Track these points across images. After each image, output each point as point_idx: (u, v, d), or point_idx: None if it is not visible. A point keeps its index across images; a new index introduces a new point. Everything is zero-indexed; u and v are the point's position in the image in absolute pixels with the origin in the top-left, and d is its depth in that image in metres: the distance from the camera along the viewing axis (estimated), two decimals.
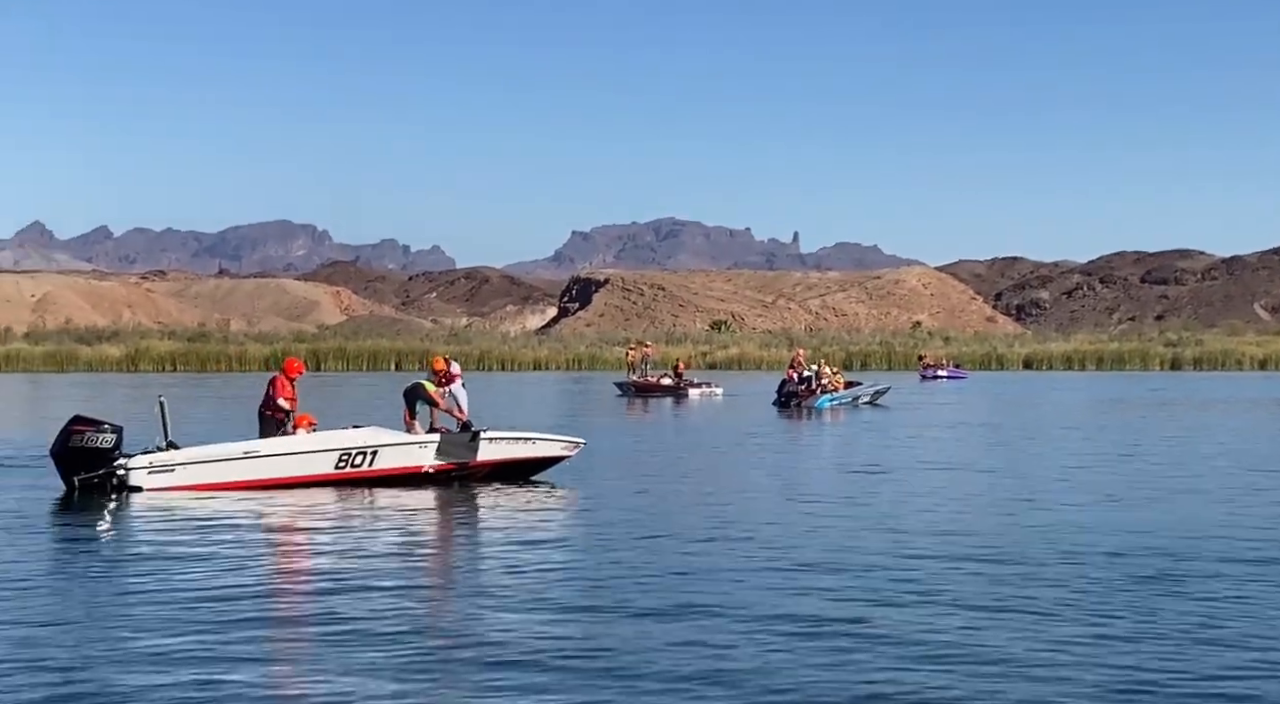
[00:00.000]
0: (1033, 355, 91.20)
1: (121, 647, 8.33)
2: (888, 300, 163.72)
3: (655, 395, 46.59)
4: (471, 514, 15.44)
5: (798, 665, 7.82)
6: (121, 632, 8.77)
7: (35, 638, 8.57)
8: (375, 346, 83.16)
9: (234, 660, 7.97)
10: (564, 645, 8.34)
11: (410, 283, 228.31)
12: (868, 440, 26.87)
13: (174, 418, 16.73)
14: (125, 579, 10.75)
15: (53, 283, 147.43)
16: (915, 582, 10.50)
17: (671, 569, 11.01)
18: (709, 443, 26.02)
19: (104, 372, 73.93)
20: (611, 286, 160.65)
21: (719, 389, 48.05)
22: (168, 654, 8.11)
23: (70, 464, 15.99)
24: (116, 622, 9.08)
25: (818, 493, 16.96)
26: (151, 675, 7.65)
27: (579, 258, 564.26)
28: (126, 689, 7.37)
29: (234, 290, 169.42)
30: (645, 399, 45.12)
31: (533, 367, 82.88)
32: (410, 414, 18.16)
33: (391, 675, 7.64)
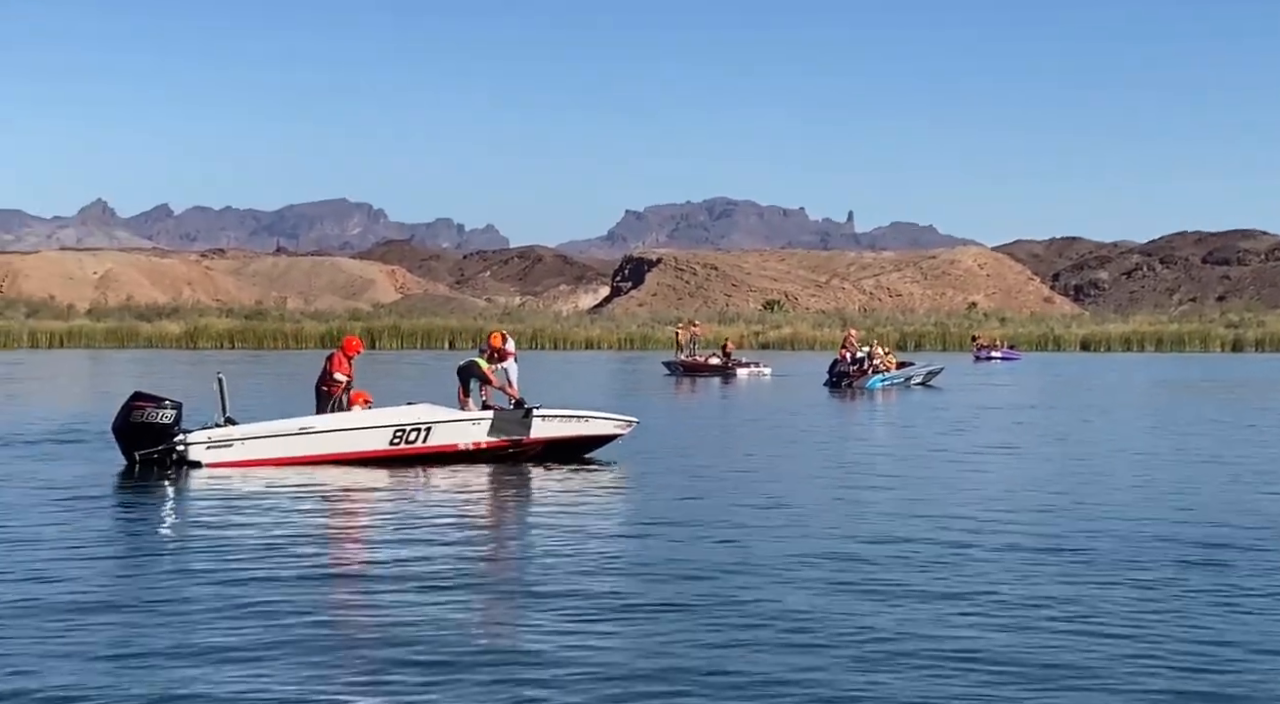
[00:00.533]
0: (1090, 337, 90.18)
1: (179, 620, 8.50)
2: (943, 281, 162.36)
3: (703, 375, 46.61)
4: (524, 492, 15.55)
5: (847, 659, 7.65)
6: (179, 605, 8.94)
7: (95, 610, 8.76)
8: (429, 325, 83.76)
9: (288, 636, 8.09)
10: (613, 630, 8.30)
11: (464, 262, 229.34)
12: (919, 422, 26.77)
13: (231, 394, 17.00)
14: (183, 553, 10.97)
15: (114, 260, 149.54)
16: (966, 571, 10.42)
17: (722, 554, 10.88)
18: (759, 423, 26.05)
19: (163, 348, 75.03)
20: (664, 266, 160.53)
21: (767, 369, 48.02)
22: (224, 627, 8.26)
23: (131, 439, 16.32)
24: (174, 596, 9.26)
25: (868, 475, 16.93)
26: (208, 649, 7.79)
27: (632, 237, 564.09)
28: (183, 663, 7.50)
29: (291, 268, 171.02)
30: (693, 379, 45.16)
31: (585, 346, 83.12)
32: (464, 391, 18.31)
33: (441, 656, 7.67)
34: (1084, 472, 17.42)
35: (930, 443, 21.67)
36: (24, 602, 8.95)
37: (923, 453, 19.96)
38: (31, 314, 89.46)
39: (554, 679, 7.14)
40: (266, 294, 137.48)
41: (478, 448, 17.55)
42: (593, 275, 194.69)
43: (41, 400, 31.57)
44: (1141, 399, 34.90)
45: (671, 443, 20.70)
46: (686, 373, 47.22)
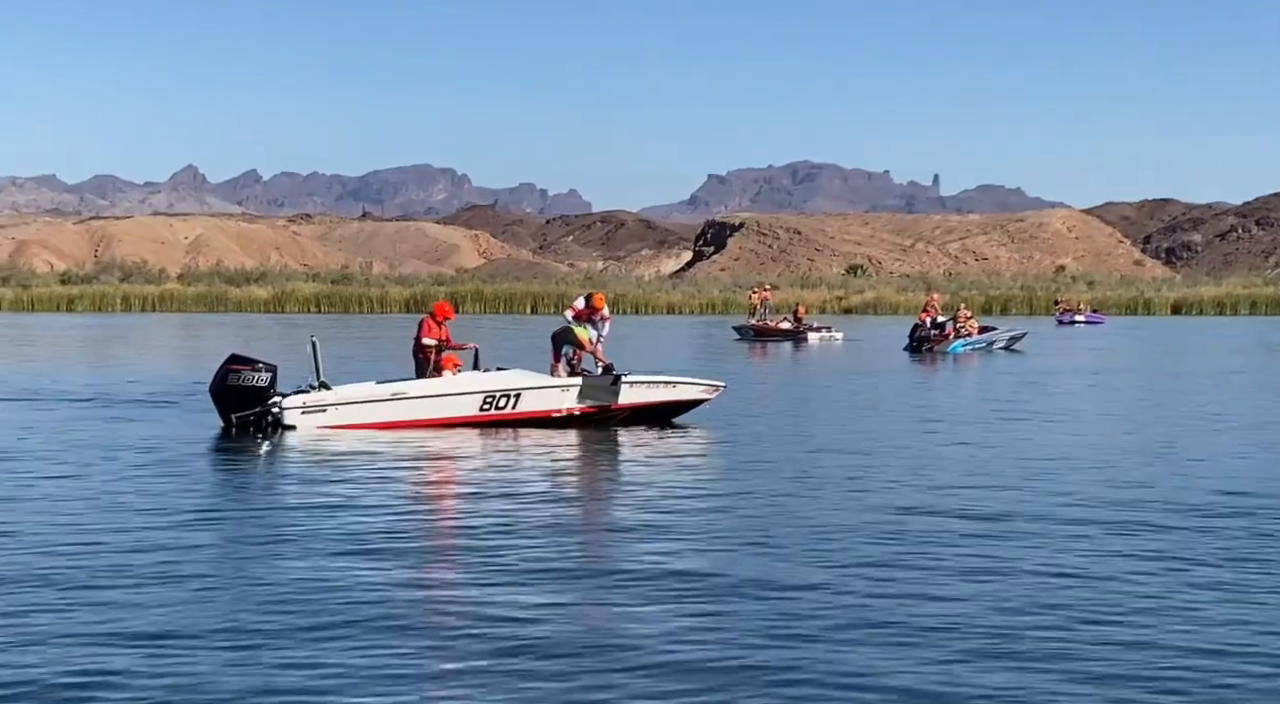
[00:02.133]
0: (1181, 300, 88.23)
1: (271, 581, 8.62)
2: (1030, 244, 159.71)
3: (774, 339, 46.40)
4: (612, 458, 15.56)
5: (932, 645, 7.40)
6: (272, 566, 9.07)
7: (191, 570, 8.92)
8: (512, 290, 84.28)
9: (378, 598, 8.13)
10: (707, 596, 8.21)
11: (547, 226, 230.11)
12: (1002, 387, 26.43)
13: (309, 358, 17.15)
14: (278, 515, 11.10)
15: (204, 225, 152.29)
16: (1058, 547, 10.22)
17: (813, 525, 10.65)
18: (842, 388, 25.87)
19: (252, 313, 76.35)
20: (746, 230, 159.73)
21: (839, 334, 47.66)
22: (312, 595, 8.29)
23: (227, 401, 16.54)
24: (269, 556, 9.38)
25: (956, 442, 16.55)
26: (298, 608, 7.89)
27: (714, 201, 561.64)
28: (276, 624, 7.59)
29: (376, 233, 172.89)
30: (764, 343, 44.99)
31: (666, 310, 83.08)
32: (556, 357, 18.36)
33: (531, 618, 7.70)
34: (1162, 439, 17.09)
35: (1017, 409, 21.37)
36: (116, 563, 9.12)
37: (1007, 421, 19.69)
38: (125, 278, 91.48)
39: (634, 660, 7.03)
40: (352, 259, 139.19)
41: (567, 414, 17.64)
42: (675, 240, 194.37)
43: (142, 362, 32.24)
44: (1231, 364, 34.07)
45: (756, 409, 20.50)
46: (758, 337, 47.05)
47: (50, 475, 13.09)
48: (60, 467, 13.69)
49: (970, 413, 20.98)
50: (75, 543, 9.71)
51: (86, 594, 8.20)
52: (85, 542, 9.76)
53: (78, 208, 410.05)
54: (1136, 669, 6.90)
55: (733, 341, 46.12)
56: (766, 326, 48.53)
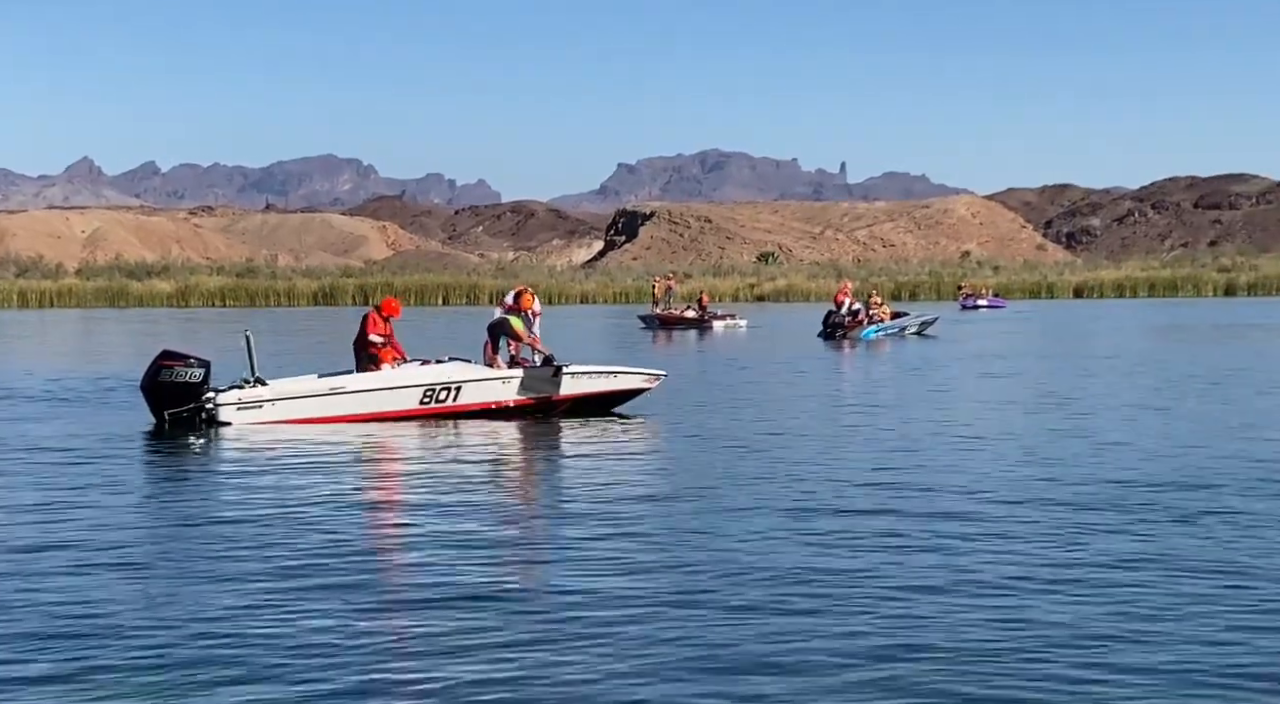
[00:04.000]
0: (1083, 283, 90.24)
1: (208, 578, 8.47)
2: (936, 230, 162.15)
3: (679, 328, 46.55)
4: (554, 449, 15.46)
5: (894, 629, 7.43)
6: (210, 563, 8.91)
7: (124, 568, 8.75)
8: (423, 281, 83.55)
9: (317, 597, 8.02)
10: (649, 588, 8.18)
11: (456, 217, 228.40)
12: (920, 373, 26.78)
13: (238, 352, 16.82)
14: (214, 512, 10.88)
15: (102, 219, 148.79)
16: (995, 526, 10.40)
17: (761, 509, 10.65)
18: (761, 375, 26.02)
19: (155, 307, 74.82)
20: (658, 219, 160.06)
21: (743, 321, 48.00)
22: (252, 588, 8.19)
23: (160, 398, 16.13)
24: (204, 554, 9.22)
25: (876, 429, 16.69)
26: (234, 607, 7.76)
27: (624, 191, 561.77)
28: (209, 620, 7.48)
29: (281, 225, 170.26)
30: (669, 332, 45.09)
31: (580, 300, 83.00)
32: (493, 348, 18.19)
33: (469, 612, 7.63)
34: (1074, 424, 17.43)
35: (938, 393, 21.67)
36: (52, 561, 8.96)
37: (924, 405, 19.93)
38: (21, 274, 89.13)
39: (584, 644, 7.05)
40: (256, 252, 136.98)
41: (507, 406, 17.50)
42: (586, 229, 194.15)
43: (53, 359, 31.44)
44: (1131, 346, 34.90)
45: (690, 399, 20.35)
46: (662, 326, 47.17)
47: None
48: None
49: (888, 397, 21.25)
50: (12, 537, 9.45)
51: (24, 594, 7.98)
52: (15, 540, 9.50)
53: None
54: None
55: (638, 330, 46.11)
56: (671, 315, 48.67)
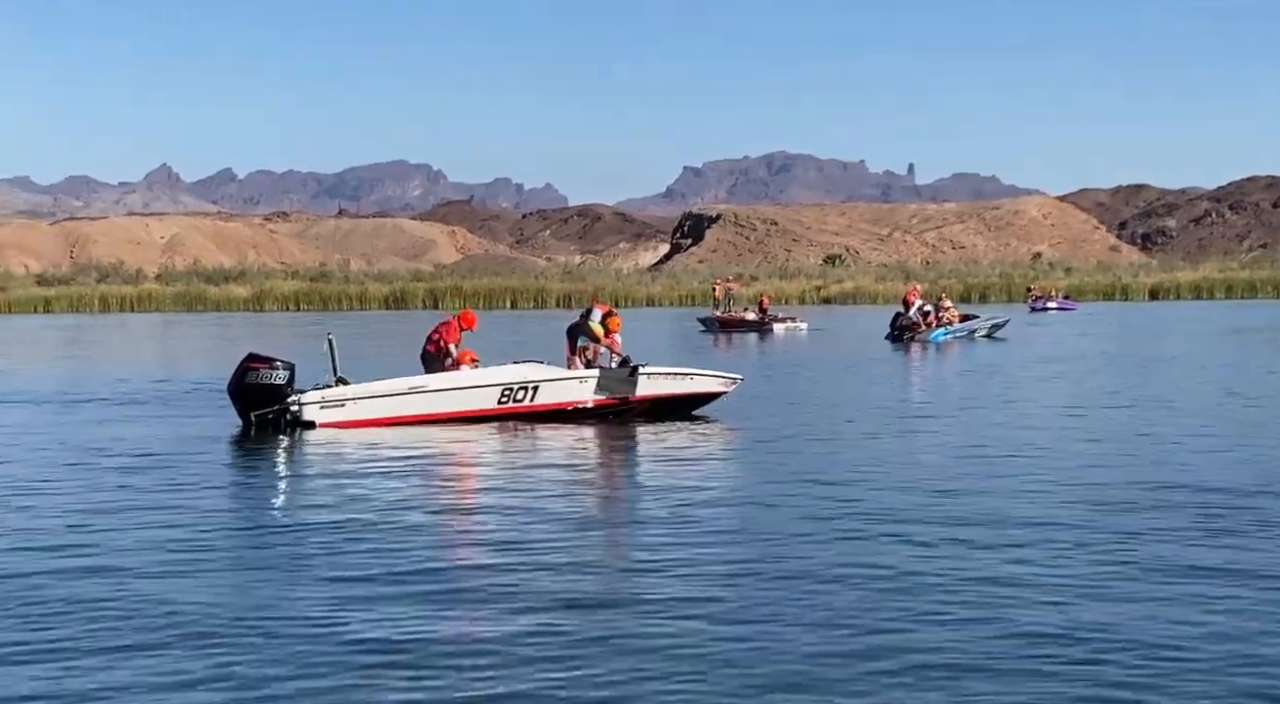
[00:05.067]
0: (1159, 285, 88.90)
1: (296, 576, 8.67)
2: (1007, 231, 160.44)
3: (739, 331, 46.50)
4: (630, 450, 15.53)
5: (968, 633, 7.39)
6: (297, 562, 9.10)
7: (210, 567, 8.99)
8: (491, 285, 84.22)
9: (396, 598, 8.14)
10: (726, 594, 8.14)
11: (524, 221, 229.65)
12: (992, 376, 26.65)
13: (323, 355, 17.11)
14: (299, 513, 11.10)
15: (180, 225, 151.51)
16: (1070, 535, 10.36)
17: (838, 516, 10.56)
18: (831, 378, 25.99)
19: (231, 311, 76.09)
20: (724, 222, 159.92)
21: (804, 324, 47.87)
22: (335, 587, 8.35)
23: (246, 400, 16.46)
24: (291, 552, 9.42)
25: (944, 435, 16.59)
26: (320, 606, 7.92)
27: (690, 194, 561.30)
28: (296, 616, 7.67)
29: (353, 230, 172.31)
30: (729, 334, 45.08)
31: (646, 303, 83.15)
32: (571, 350, 18.34)
33: (547, 614, 7.69)
34: (1141, 425, 17.31)
35: (1008, 397, 21.56)
36: (146, 560, 9.19)
37: (996, 411, 19.84)
38: (102, 279, 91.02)
39: (662, 648, 7.10)
40: (329, 256, 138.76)
41: (584, 406, 17.65)
42: (652, 233, 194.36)
43: (136, 363, 31.95)
44: (1207, 348, 34.40)
45: (768, 403, 20.23)
46: (723, 329, 47.16)
47: (78, 474, 13.11)
48: (87, 466, 13.69)
49: (959, 401, 21.16)
50: (108, 539, 9.76)
51: (114, 597, 8.25)
52: (117, 537, 9.83)
53: (51, 209, 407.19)
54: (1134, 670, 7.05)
55: (698, 333, 46.12)
56: (732, 318, 48.68)
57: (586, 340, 18.35)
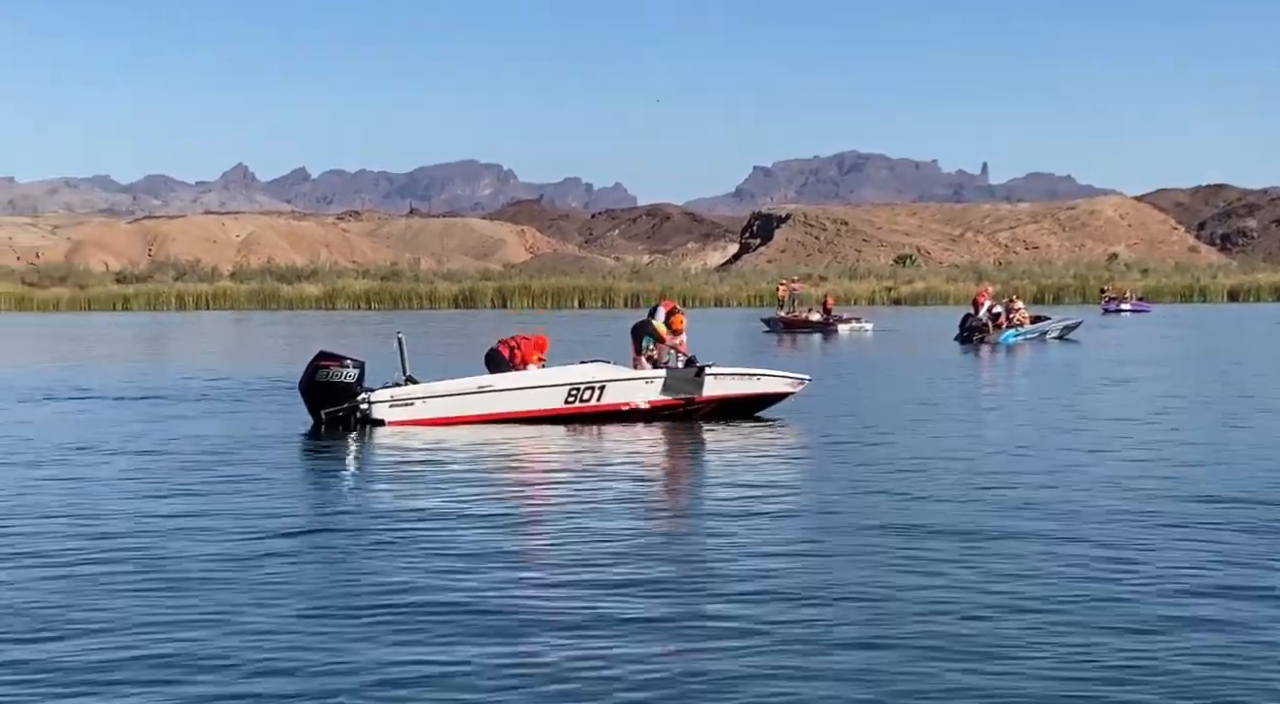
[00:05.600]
0: (1238, 286, 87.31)
1: (363, 571, 8.74)
2: (1082, 232, 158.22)
3: (803, 331, 46.36)
4: (697, 450, 15.51)
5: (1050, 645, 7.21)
6: (363, 557, 9.20)
7: (276, 562, 9.10)
8: (559, 284, 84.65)
9: (466, 586, 8.22)
10: (800, 599, 8.04)
11: (593, 221, 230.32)
12: (1060, 377, 26.30)
13: (392, 354, 17.26)
14: (368, 510, 11.18)
15: (255, 224, 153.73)
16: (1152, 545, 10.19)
17: (910, 528, 10.24)
18: (900, 380, 25.78)
19: (303, 309, 77.12)
20: (793, 222, 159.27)
21: (869, 325, 47.57)
22: (408, 580, 8.42)
23: (317, 398, 16.61)
24: (361, 548, 9.51)
25: (1030, 439, 16.22)
26: (387, 597, 8.01)
27: (760, 193, 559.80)
28: (361, 608, 7.74)
29: (424, 230, 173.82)
30: (793, 335, 44.90)
31: (714, 303, 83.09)
32: (637, 350, 18.38)
33: (621, 614, 7.68)
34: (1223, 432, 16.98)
35: (1081, 400, 21.27)
36: (215, 553, 9.31)
37: (1085, 415, 19.59)
38: (179, 277, 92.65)
39: (729, 645, 7.10)
40: (400, 255, 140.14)
41: (650, 406, 17.66)
42: (721, 232, 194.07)
43: (211, 359, 32.53)
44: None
45: (835, 405, 20.04)
46: (787, 329, 47.05)
47: (150, 469, 13.32)
48: (160, 460, 13.94)
49: (1028, 403, 20.90)
50: (173, 535, 9.91)
51: (181, 584, 8.40)
52: (187, 529, 9.99)
53: (131, 208, 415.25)
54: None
55: (762, 334, 45.97)
56: (796, 318, 48.55)
57: (652, 340, 18.37)
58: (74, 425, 17.54)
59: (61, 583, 8.41)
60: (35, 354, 35.45)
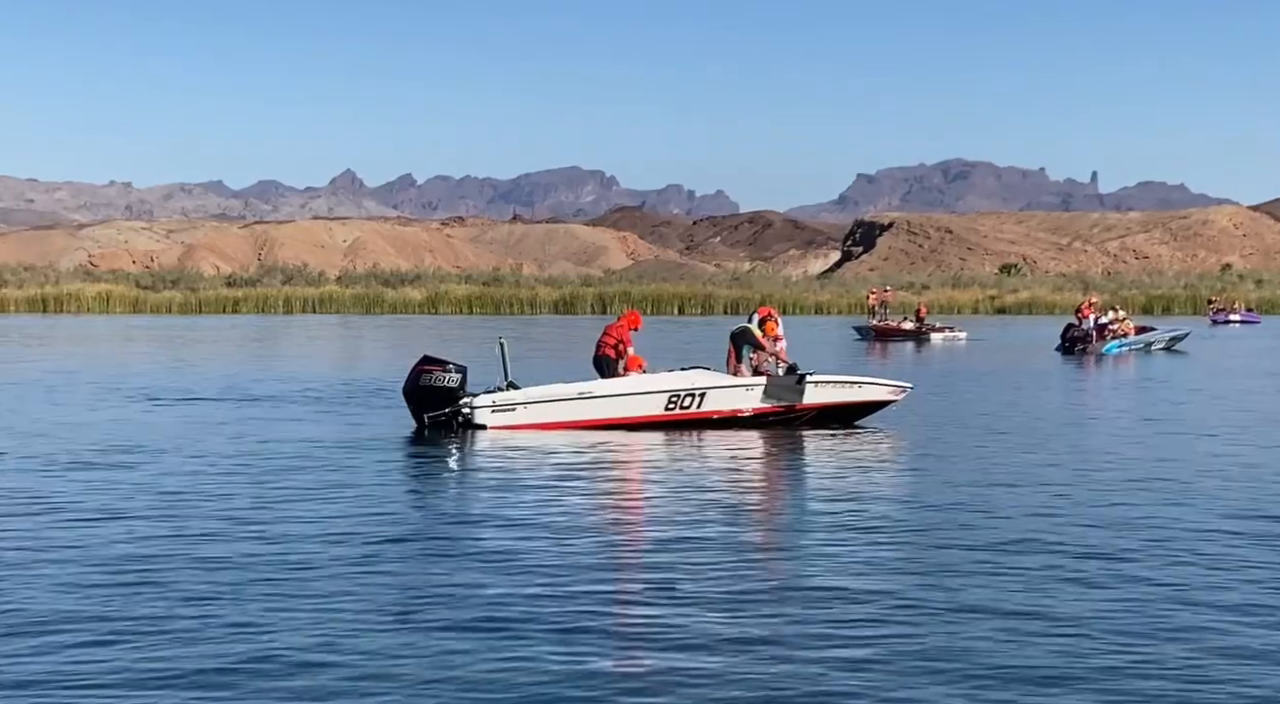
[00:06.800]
0: None
1: (459, 579, 8.81)
2: (1194, 242, 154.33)
3: (895, 339, 45.90)
4: (796, 459, 15.38)
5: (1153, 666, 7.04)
6: (462, 563, 9.27)
7: (386, 560, 9.27)
8: (659, 290, 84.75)
9: (561, 597, 8.25)
10: (893, 611, 7.93)
11: (694, 227, 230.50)
12: (1162, 390, 25.72)
13: (494, 359, 17.42)
14: (470, 513, 11.32)
15: (362, 229, 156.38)
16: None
17: (1008, 541, 10.06)
18: (1002, 389, 25.37)
19: (406, 314, 78.19)
20: (896, 230, 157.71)
21: (962, 334, 46.90)
22: (506, 584, 8.51)
23: (420, 402, 16.80)
24: (459, 555, 9.60)
25: (1135, 453, 15.96)
26: (488, 598, 8.11)
27: (863, 201, 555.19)
28: (465, 611, 7.85)
29: (526, 235, 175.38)
30: (885, 343, 44.47)
31: (815, 311, 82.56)
32: (736, 357, 18.32)
33: (713, 620, 7.68)
34: None
35: (1185, 415, 20.81)
36: (314, 556, 9.51)
37: (1187, 429, 19.18)
38: (286, 281, 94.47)
39: (827, 650, 7.09)
40: (503, 260, 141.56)
41: (752, 413, 17.63)
42: (823, 240, 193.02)
43: (317, 363, 33.12)
44: None
45: (937, 414, 19.86)
46: (878, 337, 46.65)
47: (256, 469, 13.65)
48: (265, 461, 14.26)
49: (1131, 415, 20.49)
50: (280, 533, 10.18)
51: (278, 587, 8.61)
52: (290, 531, 10.25)
53: (242, 212, 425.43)
54: None
55: (853, 341, 45.62)
56: (888, 326, 48.12)
57: (751, 347, 18.34)
58: (182, 426, 17.95)
59: (157, 586, 8.55)
60: (145, 355, 36.47)
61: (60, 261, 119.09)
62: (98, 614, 7.75)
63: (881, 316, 50.26)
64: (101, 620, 7.62)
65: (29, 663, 6.86)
